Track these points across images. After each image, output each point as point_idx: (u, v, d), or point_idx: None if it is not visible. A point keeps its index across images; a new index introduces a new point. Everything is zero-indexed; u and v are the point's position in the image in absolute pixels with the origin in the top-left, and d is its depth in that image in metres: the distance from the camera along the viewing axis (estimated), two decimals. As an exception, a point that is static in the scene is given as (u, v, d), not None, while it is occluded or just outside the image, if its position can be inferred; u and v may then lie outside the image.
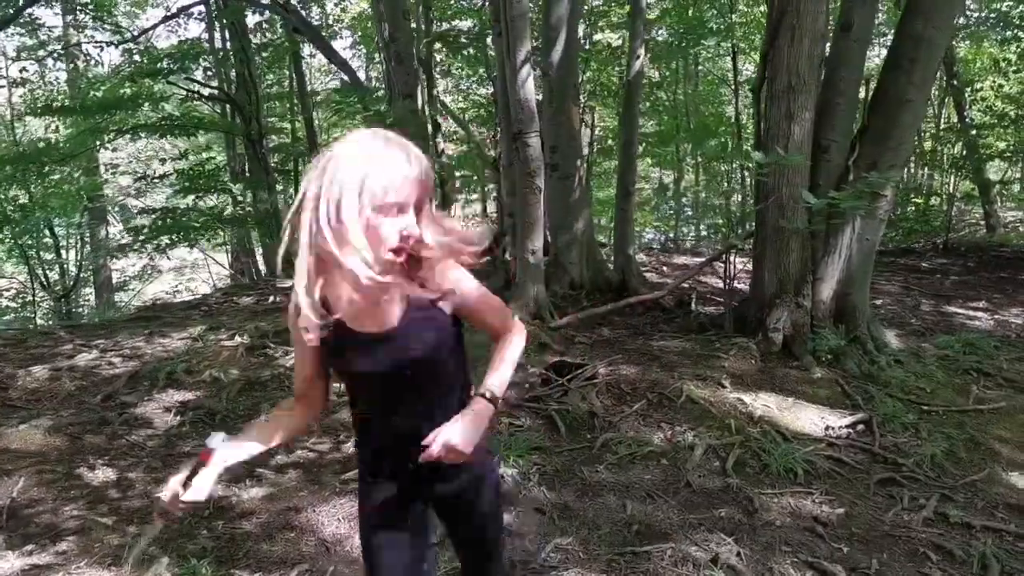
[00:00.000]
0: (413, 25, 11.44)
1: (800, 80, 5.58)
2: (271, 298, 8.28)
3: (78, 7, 14.48)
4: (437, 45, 12.24)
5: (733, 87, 14.08)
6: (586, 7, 12.08)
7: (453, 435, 1.61)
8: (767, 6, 6.36)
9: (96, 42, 14.44)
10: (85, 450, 4.32)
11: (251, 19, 12.51)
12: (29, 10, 11.38)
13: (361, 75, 17.62)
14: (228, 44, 13.03)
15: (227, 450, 1.69)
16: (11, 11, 10.28)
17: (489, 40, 10.71)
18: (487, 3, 10.62)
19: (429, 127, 11.06)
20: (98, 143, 13.08)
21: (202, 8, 13.10)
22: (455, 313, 1.74)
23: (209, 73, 12.97)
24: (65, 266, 16.09)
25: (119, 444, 4.43)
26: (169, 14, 12.25)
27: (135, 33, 13.83)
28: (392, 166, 1.49)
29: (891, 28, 12.14)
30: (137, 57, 12.78)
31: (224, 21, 12.47)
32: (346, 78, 11.86)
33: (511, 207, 8.44)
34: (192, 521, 3.53)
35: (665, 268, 10.31)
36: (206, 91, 12.84)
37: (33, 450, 4.25)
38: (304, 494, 3.81)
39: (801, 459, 4.09)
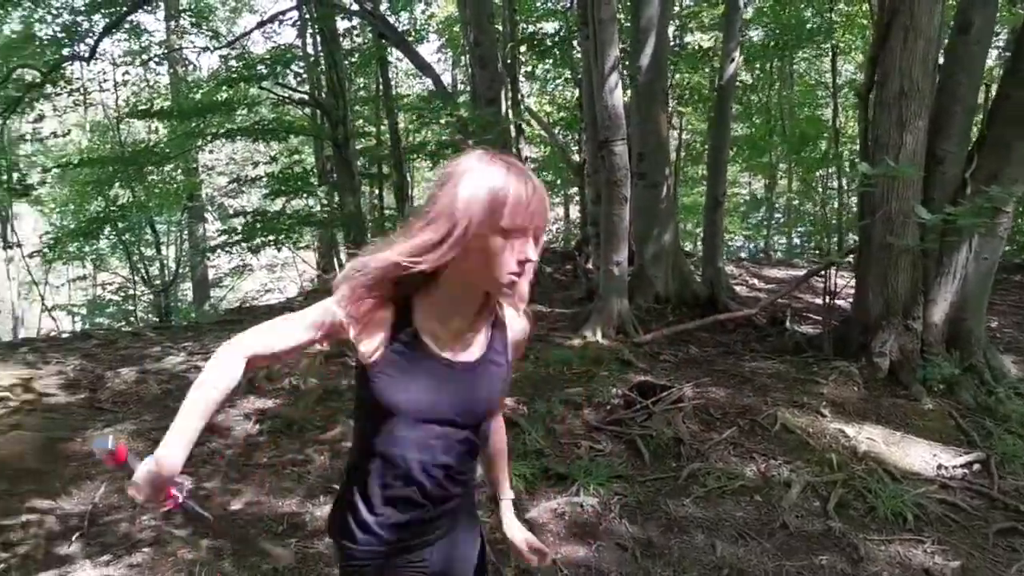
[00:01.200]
0: (499, 28, 11.36)
1: (913, 85, 5.17)
2: (352, 304, 8.29)
3: (179, 13, 15.03)
4: (522, 48, 12.10)
5: (831, 90, 13.42)
6: (676, 7, 11.72)
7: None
8: (877, 5, 5.94)
9: (195, 48, 14.97)
10: (166, 456, 4.34)
11: (341, 25, 12.65)
12: (133, 16, 11.83)
13: (448, 78, 17.72)
14: (319, 49, 13.25)
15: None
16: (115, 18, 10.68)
17: (575, 43, 10.50)
18: (574, 5, 10.43)
19: (512, 131, 10.94)
20: (196, 145, 13.56)
21: (294, 14, 13.36)
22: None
23: (300, 78, 13.23)
24: (164, 262, 16.76)
25: (199, 451, 4.43)
26: (262, 20, 12.52)
27: (231, 39, 14.23)
28: (517, 190, 1.39)
29: (1004, 28, 11.33)
30: (233, 62, 13.14)
31: (315, 27, 12.68)
32: (430, 82, 11.87)
33: (595, 215, 8.21)
34: (267, 538, 3.48)
35: (756, 281, 9.86)
36: (296, 96, 13.10)
37: (117, 455, 4.30)
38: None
39: (911, 502, 3.73)
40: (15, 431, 4.29)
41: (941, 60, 5.59)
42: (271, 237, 11.28)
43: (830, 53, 13.24)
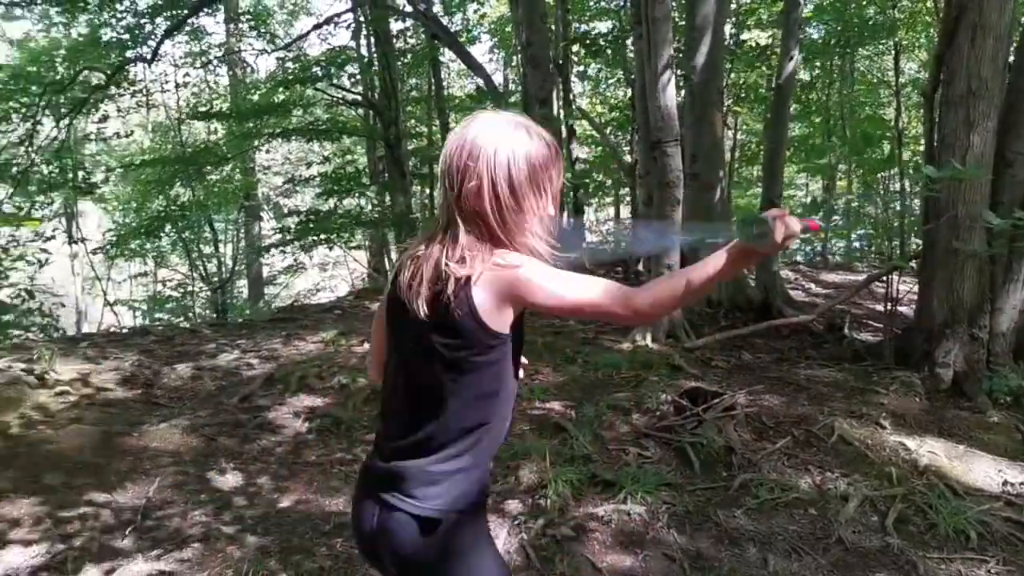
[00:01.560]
0: (552, 28, 11.31)
1: (982, 84, 4.96)
2: (402, 304, 8.34)
3: (238, 16, 15.37)
4: (574, 48, 12.03)
5: (894, 89, 13.01)
6: (734, 4, 11.50)
7: None
8: (944, 2, 5.73)
9: (253, 50, 15.30)
10: (218, 452, 4.42)
11: (394, 26, 12.77)
12: (194, 19, 12.13)
13: (499, 78, 17.73)
14: (373, 51, 13.40)
15: None
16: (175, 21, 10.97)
17: (629, 41, 10.39)
18: (627, 3, 10.32)
19: (564, 132, 10.88)
20: (253, 145, 13.86)
21: (349, 16, 13.53)
22: None
23: (354, 79, 13.40)
24: (222, 259, 17.17)
25: (250, 448, 4.51)
26: (318, 23, 12.70)
27: (288, 41, 14.49)
28: (542, 151, 1.52)
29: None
30: (290, 64, 13.40)
31: (369, 29, 12.83)
32: (481, 82, 11.89)
33: (646, 217, 8.10)
34: (311, 537, 3.50)
35: (813, 286, 9.61)
36: (349, 97, 13.28)
37: (171, 449, 4.39)
38: (423, 517, 3.70)
39: (974, 519, 3.55)
40: (74, 425, 4.41)
41: (1011, 58, 5.36)
42: (323, 236, 11.46)
43: (893, 51, 12.85)
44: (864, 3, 11.74)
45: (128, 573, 3.17)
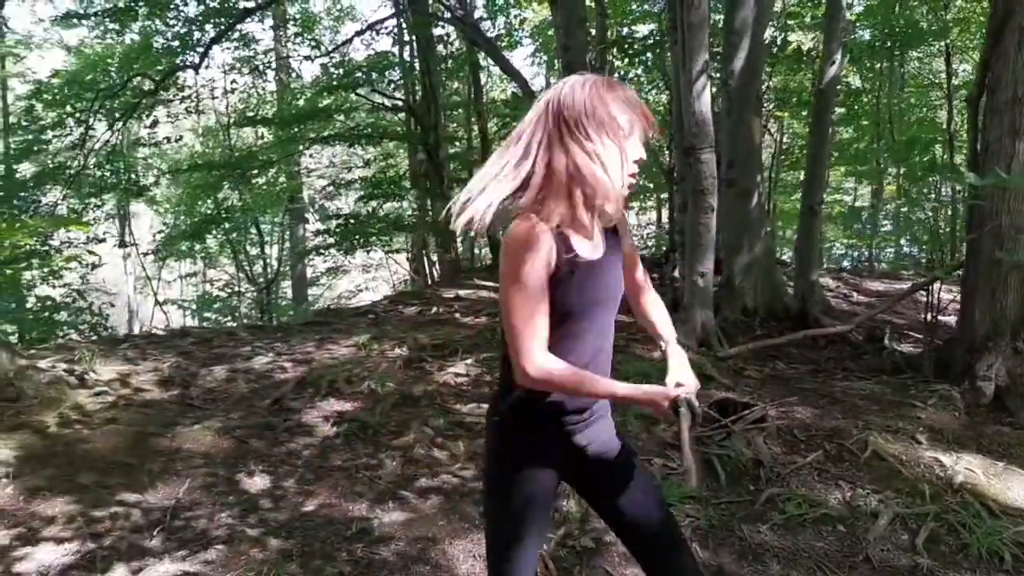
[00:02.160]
0: (592, 32, 11.25)
1: (1029, 90, 4.80)
2: (434, 309, 8.39)
3: (285, 23, 15.66)
4: (614, 51, 11.96)
5: (946, 92, 12.63)
6: (776, 7, 11.30)
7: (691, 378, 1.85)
8: (990, 6, 5.55)
9: (299, 56, 15.57)
10: (248, 454, 4.49)
11: (436, 32, 12.88)
12: (242, 26, 12.40)
13: (541, 81, 17.74)
14: (414, 56, 13.53)
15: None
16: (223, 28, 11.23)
17: (667, 46, 10.29)
18: (665, 8, 10.23)
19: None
20: (299, 149, 14.11)
21: (392, 23, 13.68)
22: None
23: (394, 85, 13.55)
24: (267, 260, 17.49)
25: (279, 451, 4.57)
26: (360, 30, 12.92)
27: (331, 48, 14.72)
28: (623, 96, 1.68)
29: None
30: (333, 70, 13.60)
31: (411, 35, 12.97)
32: (518, 89, 11.91)
33: (682, 224, 8.01)
34: (334, 542, 3.54)
35: (855, 294, 9.37)
36: (390, 102, 13.44)
37: (202, 451, 4.47)
38: (443, 523, 3.71)
39: (1010, 540, 3.43)
40: (110, 425, 4.53)
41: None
42: (362, 240, 11.60)
43: (944, 53, 12.49)
44: (914, 4, 11.45)
45: (155, 573, 3.24)
